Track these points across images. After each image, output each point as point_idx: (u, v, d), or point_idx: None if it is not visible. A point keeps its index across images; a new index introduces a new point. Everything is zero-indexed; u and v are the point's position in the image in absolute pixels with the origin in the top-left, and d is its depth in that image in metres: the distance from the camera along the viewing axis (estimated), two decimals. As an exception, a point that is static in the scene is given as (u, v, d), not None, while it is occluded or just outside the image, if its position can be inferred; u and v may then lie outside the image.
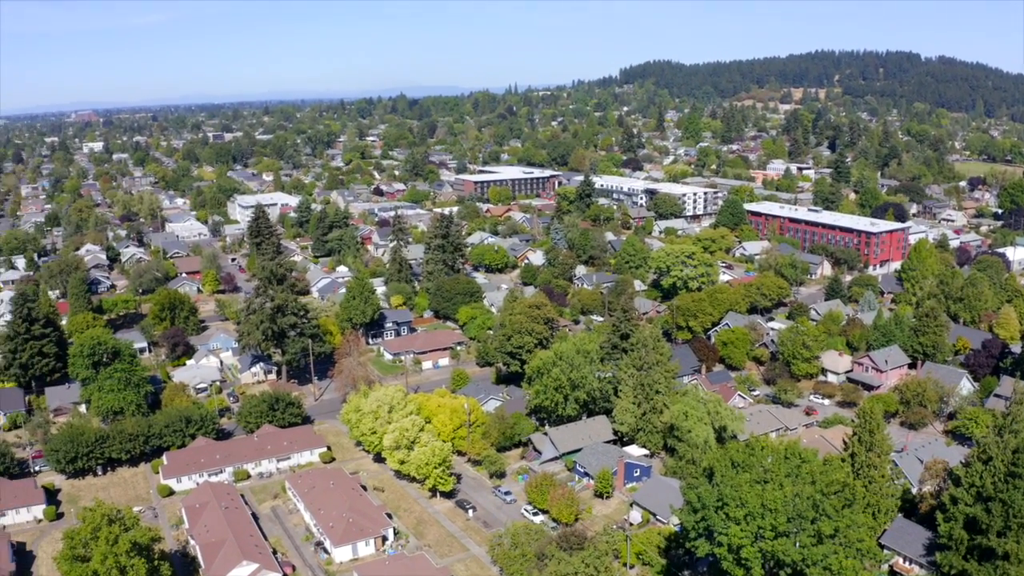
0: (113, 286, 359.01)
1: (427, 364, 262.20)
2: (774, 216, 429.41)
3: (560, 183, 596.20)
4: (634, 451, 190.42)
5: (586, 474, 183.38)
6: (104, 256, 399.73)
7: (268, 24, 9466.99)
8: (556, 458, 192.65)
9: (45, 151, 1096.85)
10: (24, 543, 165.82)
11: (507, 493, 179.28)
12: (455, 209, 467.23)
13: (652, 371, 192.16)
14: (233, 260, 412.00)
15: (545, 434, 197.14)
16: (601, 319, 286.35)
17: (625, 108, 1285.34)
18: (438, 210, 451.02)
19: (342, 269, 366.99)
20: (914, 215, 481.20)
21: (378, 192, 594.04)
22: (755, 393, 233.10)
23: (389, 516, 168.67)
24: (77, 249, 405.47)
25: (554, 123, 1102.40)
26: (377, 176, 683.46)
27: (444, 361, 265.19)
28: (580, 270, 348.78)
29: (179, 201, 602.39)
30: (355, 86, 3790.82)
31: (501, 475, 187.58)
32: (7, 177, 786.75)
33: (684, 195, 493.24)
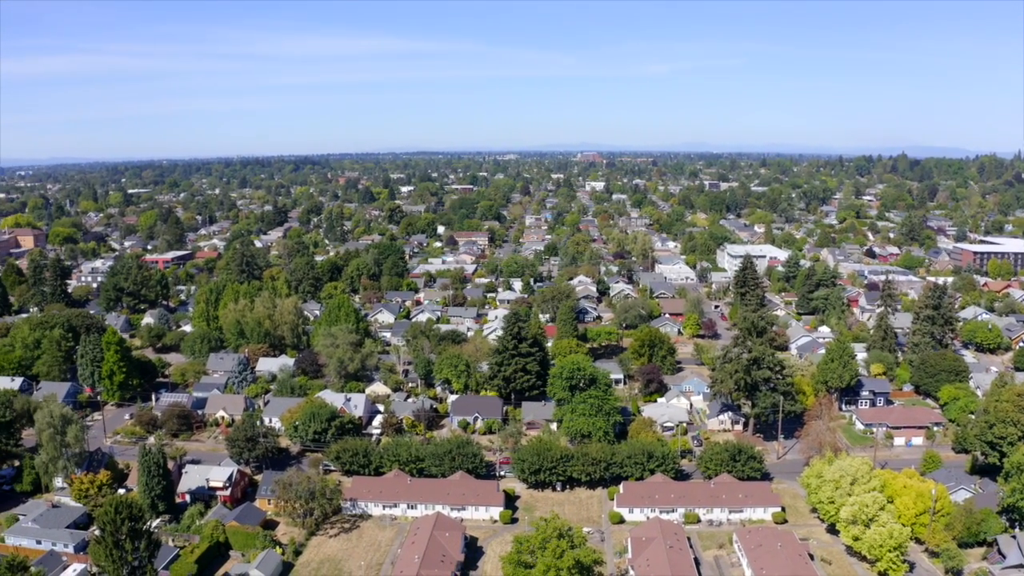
0: (599, 317, 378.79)
1: (899, 440, 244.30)
2: None
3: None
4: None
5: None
6: (594, 288, 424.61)
7: (771, 79, 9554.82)
8: (1021, 566, 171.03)
9: (551, 186, 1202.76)
10: (476, 538, 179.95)
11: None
12: (950, 279, 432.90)
13: None
14: (716, 307, 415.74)
15: (1014, 537, 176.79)
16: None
17: None
18: (931, 279, 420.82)
19: (824, 329, 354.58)
20: None
21: (870, 254, 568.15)
22: None
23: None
24: (570, 279, 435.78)
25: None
26: (870, 237, 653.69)
27: (917, 440, 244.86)
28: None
29: (670, 244, 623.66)
30: (854, 143, 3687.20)
31: (957, 572, 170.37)
32: (515, 207, 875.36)
33: None
